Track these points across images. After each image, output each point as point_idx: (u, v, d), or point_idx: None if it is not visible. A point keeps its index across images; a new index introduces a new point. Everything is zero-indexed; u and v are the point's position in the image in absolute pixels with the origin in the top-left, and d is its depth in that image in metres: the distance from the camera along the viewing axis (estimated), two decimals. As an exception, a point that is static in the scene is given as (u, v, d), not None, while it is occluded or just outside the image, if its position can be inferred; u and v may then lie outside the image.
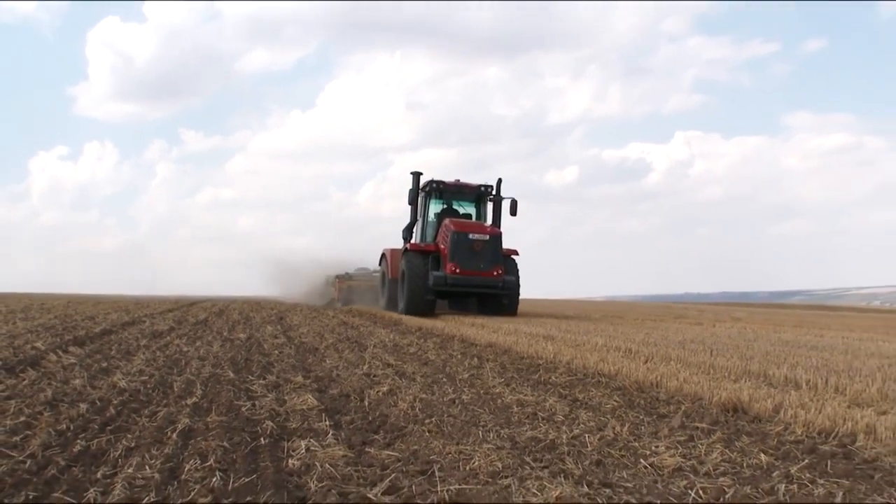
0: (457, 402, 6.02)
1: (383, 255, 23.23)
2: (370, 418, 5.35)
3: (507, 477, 3.79)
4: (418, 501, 3.43)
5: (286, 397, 6.06)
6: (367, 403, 5.92)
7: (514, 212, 20.91)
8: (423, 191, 21.37)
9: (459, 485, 3.66)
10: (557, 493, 3.48)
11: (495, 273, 19.34)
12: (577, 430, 4.89)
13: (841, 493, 3.58)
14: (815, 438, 4.77)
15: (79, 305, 22.67)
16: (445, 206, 21.67)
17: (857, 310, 55.06)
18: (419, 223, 21.51)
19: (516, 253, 20.76)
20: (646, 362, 8.37)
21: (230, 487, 3.57)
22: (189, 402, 5.74)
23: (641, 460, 4.19)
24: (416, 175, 21.20)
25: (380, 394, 6.30)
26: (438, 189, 21.07)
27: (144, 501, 3.31)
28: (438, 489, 3.58)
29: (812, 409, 5.39)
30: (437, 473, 3.85)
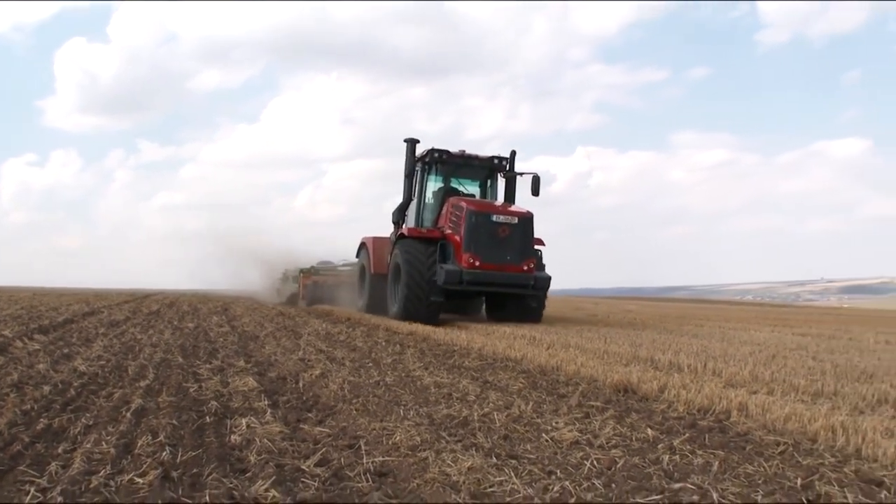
0: (381, 384, 6.01)
1: (363, 245, 16.73)
2: (304, 398, 5.31)
3: (425, 450, 3.81)
4: (346, 472, 3.43)
5: (229, 380, 5.97)
6: (301, 385, 5.87)
7: (535, 191, 14.62)
8: (420, 162, 14.95)
9: (383, 457, 3.68)
10: (469, 464, 3.52)
11: (525, 267, 13.30)
12: (487, 409, 4.92)
13: (717, 463, 3.67)
14: (695, 415, 4.89)
15: (43, 297, 22.00)
16: (443, 184, 15.42)
17: (732, 303, 56.61)
18: (414, 203, 15.15)
19: (542, 243, 14.22)
20: (548, 349, 8.46)
21: (178, 460, 3.52)
22: (142, 384, 5.61)
23: (543, 434, 4.23)
24: (412, 143, 14.76)
25: (313, 376, 6.25)
26: (441, 160, 14.76)
27: (101, 473, 3.24)
28: (364, 461, 3.58)
29: (692, 390, 5.50)
30: (363, 447, 3.85)
